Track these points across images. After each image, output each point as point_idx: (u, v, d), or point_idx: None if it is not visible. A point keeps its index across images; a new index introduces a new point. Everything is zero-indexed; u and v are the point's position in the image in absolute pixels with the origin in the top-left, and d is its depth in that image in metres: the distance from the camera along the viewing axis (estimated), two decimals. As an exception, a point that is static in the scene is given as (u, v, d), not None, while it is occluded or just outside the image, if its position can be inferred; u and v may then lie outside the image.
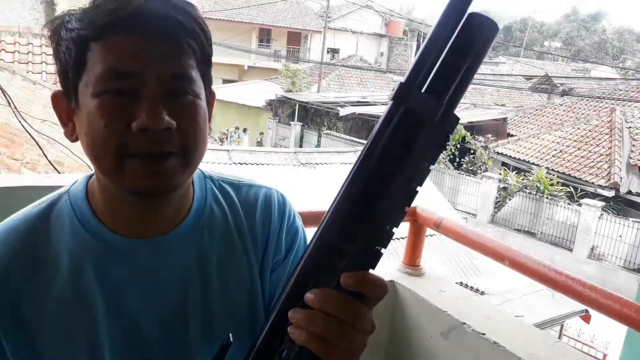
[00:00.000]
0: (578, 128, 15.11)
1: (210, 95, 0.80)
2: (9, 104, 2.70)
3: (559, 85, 22.41)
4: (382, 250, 0.54)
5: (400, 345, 1.59)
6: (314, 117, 18.70)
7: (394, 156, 0.50)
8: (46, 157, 2.35)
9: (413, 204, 1.79)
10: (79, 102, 0.71)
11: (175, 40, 0.68)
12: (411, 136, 0.50)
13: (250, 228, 0.86)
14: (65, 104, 0.73)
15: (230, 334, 0.61)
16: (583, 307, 7.61)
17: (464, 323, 1.39)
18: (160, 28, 0.67)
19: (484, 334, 1.34)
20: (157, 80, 0.68)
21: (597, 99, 17.90)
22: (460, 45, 0.49)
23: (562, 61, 42.07)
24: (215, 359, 0.60)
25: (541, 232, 12.70)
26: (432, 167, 0.52)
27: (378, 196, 0.51)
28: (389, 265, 1.75)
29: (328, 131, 17.13)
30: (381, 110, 0.55)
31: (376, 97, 19.39)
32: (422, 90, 0.50)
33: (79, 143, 0.76)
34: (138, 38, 0.67)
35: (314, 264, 0.55)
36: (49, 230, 0.77)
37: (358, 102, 18.20)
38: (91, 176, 0.82)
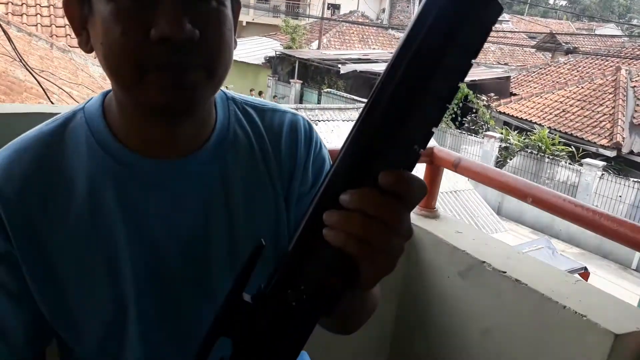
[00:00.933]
0: (582, 87, 14.93)
1: (236, 4, 0.73)
2: (13, 49, 2.61)
3: (563, 43, 22.03)
4: (420, 151, 0.49)
5: (416, 286, 1.56)
6: (314, 75, 18.44)
7: (436, 47, 0.45)
8: (48, 98, 2.27)
9: (430, 145, 1.73)
10: (92, 6, 0.64)
11: None
12: (453, 25, 0.45)
13: (276, 154, 0.81)
14: (78, 9, 0.67)
15: (262, 239, 0.56)
16: (581, 265, 7.69)
17: (484, 262, 1.35)
18: None
19: (504, 272, 1.30)
20: None
21: (602, 58, 17.61)
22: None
23: (567, 19, 41.25)
24: (245, 265, 0.55)
25: (541, 192, 12.71)
26: (473, 61, 0.47)
27: (420, 88, 0.46)
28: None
29: (328, 89, 16.92)
30: (382, 68, 0.50)
31: (378, 54, 19.05)
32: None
33: (79, 90, 0.70)
34: None
35: (348, 166, 0.50)
36: (64, 149, 0.72)
37: (359, 59, 17.89)
38: (107, 93, 0.77)
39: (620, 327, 1.07)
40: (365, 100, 0.50)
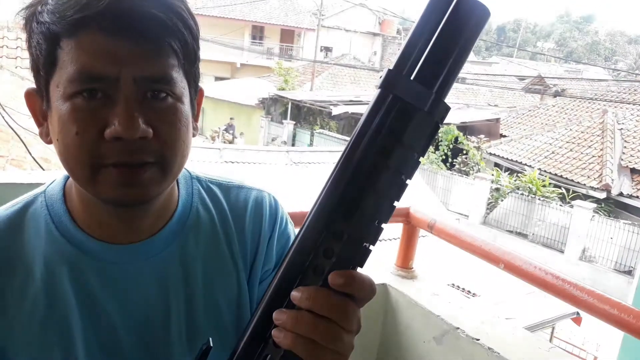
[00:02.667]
0: (570, 129, 15.16)
1: (197, 94, 0.74)
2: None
3: (551, 86, 22.49)
4: (371, 247, 0.50)
5: (392, 349, 1.55)
6: (306, 115, 18.67)
7: (382, 147, 0.47)
8: (30, 154, 2.29)
9: (406, 205, 1.74)
10: (50, 103, 0.66)
11: (153, 38, 0.62)
12: (400, 125, 0.47)
13: (239, 233, 0.81)
14: (39, 103, 0.68)
15: (210, 339, 0.57)
16: (575, 309, 7.63)
17: (458, 328, 1.35)
18: (136, 25, 0.61)
19: (478, 339, 1.30)
20: (133, 83, 0.62)
21: (589, 100, 17.96)
22: (450, 31, 0.47)
23: (554, 62, 42.28)
24: None
25: (533, 234, 12.72)
26: (421, 159, 0.49)
27: (366, 189, 0.48)
28: (380, 268, 1.70)
29: (321, 130, 17.11)
30: None
31: (369, 96, 19.34)
32: (412, 78, 0.47)
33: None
34: (112, 36, 0.61)
35: (299, 263, 0.51)
36: (23, 234, 0.73)
37: (351, 101, 18.16)
38: (69, 177, 0.78)
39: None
40: None
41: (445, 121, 0.51)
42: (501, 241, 11.24)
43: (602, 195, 12.83)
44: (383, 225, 0.50)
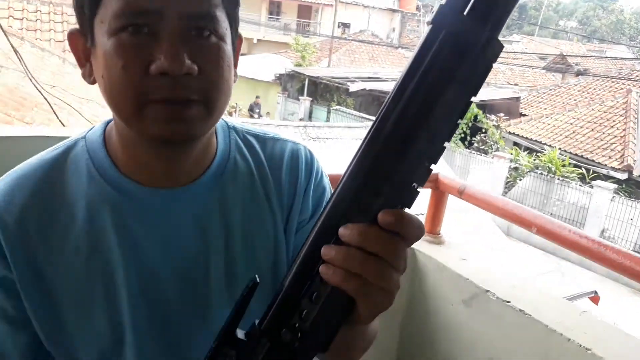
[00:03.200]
0: (592, 109, 14.88)
1: (237, 38, 0.74)
2: (22, 66, 2.65)
3: (573, 65, 22.04)
4: (419, 189, 0.49)
5: (418, 312, 1.55)
6: (323, 92, 18.56)
7: (435, 83, 0.46)
8: (56, 115, 2.31)
9: (435, 171, 1.74)
10: (95, 40, 0.66)
11: None
12: (453, 62, 0.45)
13: (276, 184, 0.82)
14: (82, 43, 0.69)
15: (256, 275, 0.56)
16: (592, 288, 7.58)
17: (488, 290, 1.34)
18: None
19: (509, 302, 1.29)
20: (178, 18, 0.63)
21: (612, 80, 17.57)
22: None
23: (577, 41, 41.33)
24: (240, 301, 0.55)
25: (551, 214, 12.60)
26: (473, 99, 0.47)
27: (417, 127, 0.47)
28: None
29: (337, 107, 17.00)
30: (392, 87, 0.50)
31: (387, 73, 19.16)
32: (464, 13, 0.45)
33: (89, 106, 0.72)
34: None
35: (347, 202, 0.50)
36: (65, 177, 0.74)
37: (369, 77, 18.00)
38: (108, 122, 0.78)
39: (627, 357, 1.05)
40: (374, 117, 0.51)
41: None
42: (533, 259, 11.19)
43: (624, 176, 12.63)
44: (432, 167, 0.49)
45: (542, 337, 1.21)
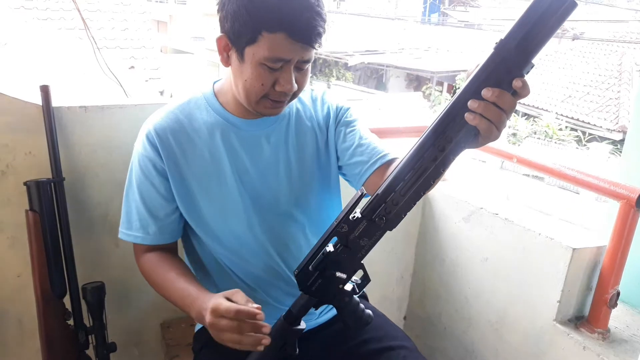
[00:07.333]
0: (588, 72, 15.13)
1: None
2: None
3: (570, 29, 22.13)
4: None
5: (429, 231, 1.99)
6: (322, 67, 18.74)
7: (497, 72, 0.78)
8: (125, 92, 2.71)
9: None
10: (244, 56, 1.03)
11: (314, 43, 1.01)
12: (503, 79, 0.77)
13: (317, 117, 1.28)
14: (227, 43, 1.06)
15: (363, 187, 1.08)
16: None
17: (482, 207, 1.77)
18: (309, 38, 0.99)
19: (497, 214, 1.72)
20: (297, 62, 1.04)
21: (607, 42, 17.75)
22: (545, 22, 0.73)
23: (573, 5, 40.74)
24: (351, 205, 0.91)
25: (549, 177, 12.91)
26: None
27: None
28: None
29: (337, 82, 17.24)
30: (390, 59, 0.87)
31: (385, 45, 19.35)
32: (514, 46, 0.74)
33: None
34: (294, 39, 0.98)
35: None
36: (193, 112, 1.19)
37: (367, 50, 18.20)
38: (216, 81, 1.24)
39: (577, 243, 1.49)
40: (374, 91, 0.88)
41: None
42: (518, 185, 11.57)
43: (619, 136, 12.98)
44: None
45: (521, 236, 1.62)
